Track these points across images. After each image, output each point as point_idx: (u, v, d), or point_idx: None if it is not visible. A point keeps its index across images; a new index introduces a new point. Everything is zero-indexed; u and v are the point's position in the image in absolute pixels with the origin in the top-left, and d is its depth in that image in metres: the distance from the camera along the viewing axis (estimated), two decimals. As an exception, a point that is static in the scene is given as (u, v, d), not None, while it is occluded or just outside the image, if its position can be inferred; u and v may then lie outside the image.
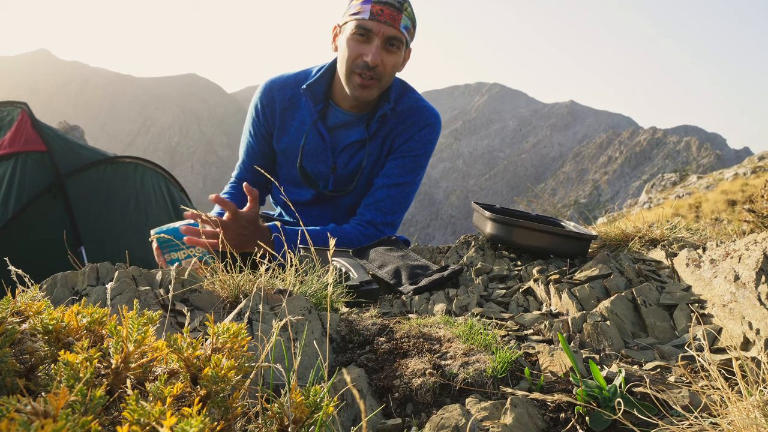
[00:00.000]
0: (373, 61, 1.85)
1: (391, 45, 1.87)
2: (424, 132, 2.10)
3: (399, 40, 1.87)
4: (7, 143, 3.74)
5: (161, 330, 0.92)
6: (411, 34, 1.94)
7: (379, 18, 1.82)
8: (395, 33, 1.85)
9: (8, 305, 0.68)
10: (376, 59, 1.85)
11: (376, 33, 1.84)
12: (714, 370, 0.69)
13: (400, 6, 1.84)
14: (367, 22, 1.83)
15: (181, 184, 4.75)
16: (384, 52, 1.87)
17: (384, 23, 1.82)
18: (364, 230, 2.02)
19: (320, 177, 2.13)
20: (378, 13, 1.82)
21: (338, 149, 2.10)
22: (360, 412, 0.80)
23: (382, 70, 1.89)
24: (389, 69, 1.91)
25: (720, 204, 13.46)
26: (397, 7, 1.84)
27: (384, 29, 1.83)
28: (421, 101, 2.13)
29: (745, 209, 2.04)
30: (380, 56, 1.86)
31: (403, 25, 1.86)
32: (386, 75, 1.92)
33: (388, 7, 1.82)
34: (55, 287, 1.15)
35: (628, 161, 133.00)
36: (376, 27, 1.83)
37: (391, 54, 1.89)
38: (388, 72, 1.92)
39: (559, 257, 1.74)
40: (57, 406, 0.45)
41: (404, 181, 2.09)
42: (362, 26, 1.84)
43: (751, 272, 1.12)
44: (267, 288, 1.10)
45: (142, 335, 0.59)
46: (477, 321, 1.07)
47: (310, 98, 2.03)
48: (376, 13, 1.82)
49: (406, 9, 1.87)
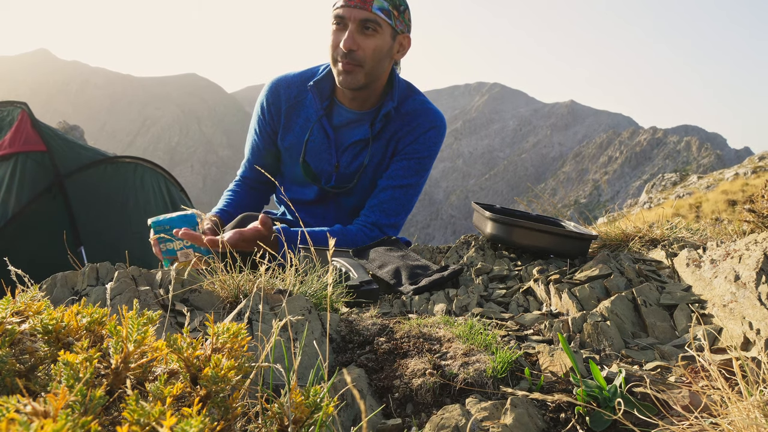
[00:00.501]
0: (346, 45, 1.85)
1: (366, 28, 1.86)
2: (430, 134, 2.10)
3: (374, 21, 1.86)
4: (7, 143, 3.74)
5: (161, 330, 0.92)
6: (393, 16, 1.91)
7: (350, 3, 1.84)
8: (367, 15, 1.84)
9: (8, 305, 0.67)
10: (349, 43, 1.85)
11: (349, 18, 1.85)
12: (714, 370, 0.69)
13: None
14: (339, 9, 1.85)
15: (181, 184, 4.75)
16: (360, 36, 1.87)
17: (354, 7, 1.83)
18: (369, 232, 2.03)
19: (323, 174, 2.14)
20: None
21: (342, 147, 2.10)
22: (360, 412, 0.80)
23: (361, 54, 1.88)
24: (369, 52, 1.89)
25: (720, 204, 13.46)
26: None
27: (355, 13, 1.84)
28: (427, 103, 2.13)
29: (745, 209, 2.04)
30: (356, 40, 1.86)
31: (377, 7, 1.85)
32: (368, 59, 1.90)
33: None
34: (55, 287, 1.15)
35: (629, 161, 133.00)
36: (347, 12, 1.84)
37: (368, 37, 1.88)
38: (369, 55, 1.90)
39: (559, 257, 1.74)
40: (57, 406, 0.45)
41: (408, 183, 2.09)
42: (336, 15, 1.86)
43: (752, 272, 1.12)
44: (267, 288, 1.10)
45: (141, 335, 0.59)
46: (477, 321, 1.07)
47: (317, 95, 2.04)
48: None
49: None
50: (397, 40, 1.97)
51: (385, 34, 1.91)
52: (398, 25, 1.94)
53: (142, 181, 4.30)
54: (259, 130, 2.18)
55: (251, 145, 2.23)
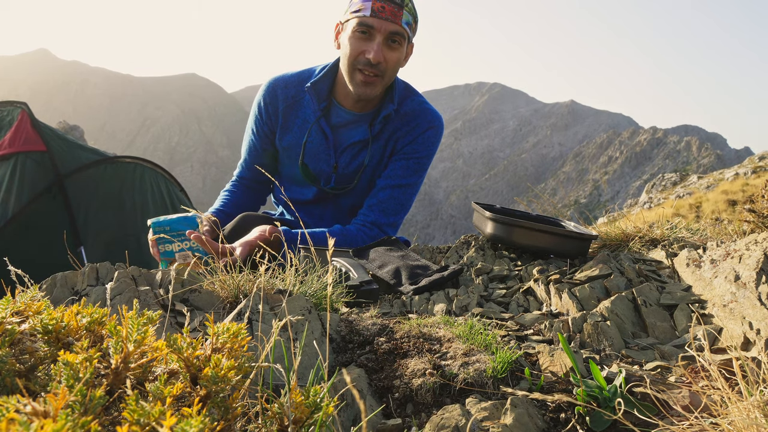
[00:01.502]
0: (376, 58, 1.85)
1: (393, 41, 1.87)
2: (428, 134, 2.11)
3: (401, 35, 1.87)
4: (7, 143, 3.74)
5: (161, 330, 0.92)
6: (413, 29, 1.94)
7: (381, 15, 1.82)
8: (397, 29, 1.85)
9: (8, 305, 0.67)
10: (379, 56, 1.85)
11: (378, 29, 1.84)
12: (714, 370, 0.69)
13: (401, 2, 1.85)
14: (368, 19, 1.83)
15: (180, 184, 4.75)
16: (386, 48, 1.87)
17: (385, 20, 1.83)
18: (369, 231, 2.03)
19: (322, 175, 2.14)
20: (379, 10, 1.82)
21: (341, 148, 2.10)
22: (360, 412, 0.80)
23: (384, 66, 1.89)
24: (392, 65, 1.91)
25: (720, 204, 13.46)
26: (398, 2, 1.84)
27: (385, 25, 1.83)
28: (425, 104, 2.14)
29: (745, 209, 2.04)
30: (382, 53, 1.86)
31: (405, 21, 1.86)
32: (389, 71, 1.93)
33: (389, 3, 1.83)
34: (55, 287, 1.15)
35: (629, 161, 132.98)
36: (378, 24, 1.83)
37: (393, 50, 1.89)
38: (391, 68, 1.92)
39: (560, 257, 1.74)
40: (57, 406, 0.45)
41: (407, 183, 2.10)
42: (364, 23, 1.84)
43: (752, 272, 1.12)
44: (267, 288, 1.10)
45: (141, 335, 0.59)
46: (477, 321, 1.07)
47: (314, 96, 2.04)
48: (378, 9, 1.82)
49: (407, 4, 1.87)
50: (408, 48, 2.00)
51: (404, 46, 1.93)
52: (412, 36, 1.97)
53: (142, 181, 4.30)
54: (256, 130, 2.18)
55: (248, 146, 2.23)
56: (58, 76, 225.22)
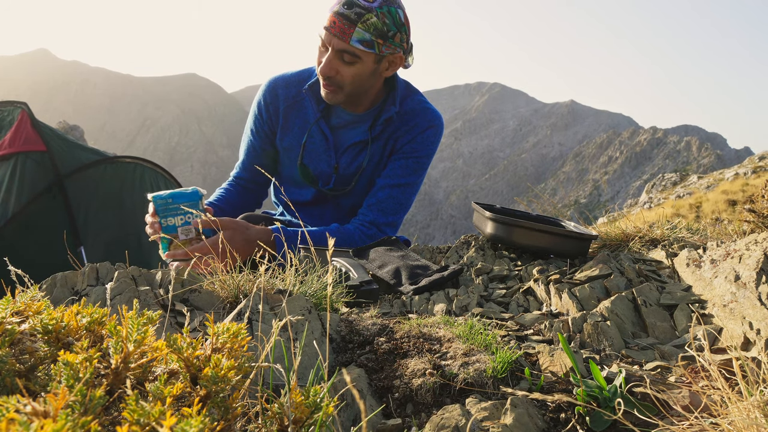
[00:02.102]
0: (323, 71, 1.84)
1: (344, 59, 1.82)
2: (428, 134, 2.10)
3: (351, 53, 1.80)
4: (7, 143, 3.74)
5: (161, 330, 0.92)
6: (378, 44, 1.82)
7: (331, 30, 1.78)
8: (344, 46, 1.78)
9: (8, 305, 0.67)
10: (326, 69, 1.83)
11: (329, 43, 1.81)
12: (714, 371, 0.69)
13: (357, 18, 1.74)
14: (322, 31, 1.81)
15: (181, 184, 4.75)
16: (339, 62, 1.83)
17: (334, 36, 1.78)
18: (367, 230, 2.03)
19: (322, 176, 2.14)
20: (331, 24, 1.77)
21: (341, 149, 2.10)
22: (360, 412, 0.80)
23: (340, 79, 1.86)
24: (348, 78, 1.86)
25: (720, 204, 13.45)
26: (352, 19, 1.74)
27: (334, 41, 1.79)
28: (425, 103, 2.13)
29: (745, 209, 2.04)
30: (334, 66, 1.83)
31: (357, 39, 1.77)
32: (347, 84, 1.87)
33: (341, 18, 1.75)
34: (55, 287, 1.15)
35: (629, 161, 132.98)
36: (327, 38, 1.80)
37: (348, 65, 1.83)
38: (348, 81, 1.87)
39: (560, 257, 1.74)
40: (57, 406, 0.45)
41: (406, 182, 2.09)
42: (320, 35, 1.82)
43: (752, 272, 1.12)
44: (267, 288, 1.10)
45: (141, 335, 0.59)
46: (477, 321, 1.07)
47: (313, 98, 2.03)
48: (330, 24, 1.77)
49: (366, 20, 1.75)
50: (384, 60, 1.90)
51: (367, 62, 1.85)
52: (385, 50, 1.85)
53: (142, 181, 4.30)
54: (256, 130, 2.17)
55: (247, 146, 2.22)
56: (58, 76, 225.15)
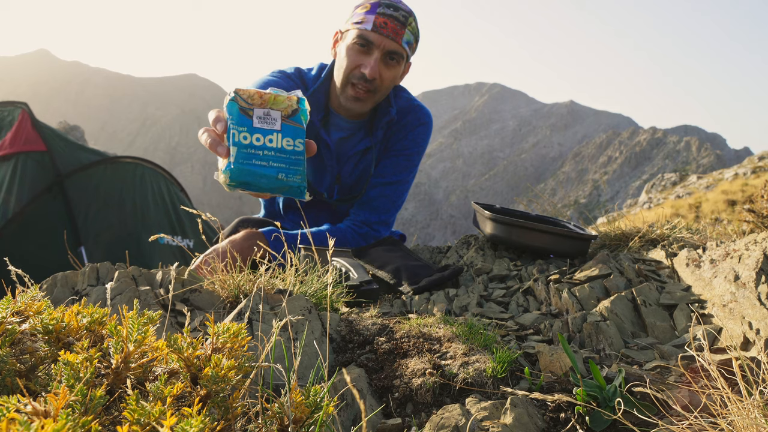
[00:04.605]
0: (371, 74, 1.82)
1: (391, 59, 1.84)
2: (418, 131, 2.10)
3: (399, 54, 1.84)
4: (7, 143, 3.74)
5: (161, 330, 0.92)
6: (413, 48, 1.91)
7: (382, 31, 1.79)
8: (396, 48, 1.82)
9: (8, 305, 0.68)
10: (374, 72, 1.82)
11: (377, 45, 1.81)
12: (714, 370, 0.69)
13: (405, 20, 1.81)
14: (369, 33, 1.80)
15: (181, 184, 4.75)
16: (383, 65, 1.85)
17: (386, 36, 1.79)
18: (359, 229, 2.02)
19: (324, 185, 2.12)
20: (381, 26, 1.78)
21: (344, 158, 2.09)
22: (360, 412, 0.80)
23: (379, 83, 1.87)
24: (387, 83, 1.89)
25: (720, 204, 13.45)
26: (402, 21, 1.80)
27: (386, 43, 1.80)
28: (413, 101, 2.13)
29: (745, 209, 2.05)
30: (379, 69, 1.84)
31: (405, 40, 1.83)
32: (383, 88, 1.90)
33: (392, 20, 1.79)
34: (55, 287, 1.15)
35: (628, 161, 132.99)
36: (378, 39, 1.80)
37: (390, 68, 1.86)
38: (386, 85, 1.90)
39: (559, 257, 1.74)
40: (57, 406, 0.45)
41: (398, 180, 2.08)
42: (364, 37, 1.80)
43: (751, 272, 1.12)
44: (267, 288, 1.10)
45: (142, 335, 0.59)
46: (477, 321, 1.07)
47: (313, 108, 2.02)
48: (380, 25, 1.78)
49: (410, 24, 1.83)
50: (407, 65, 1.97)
51: (401, 65, 1.90)
52: (411, 55, 1.94)
53: (142, 181, 4.31)
54: None
55: None
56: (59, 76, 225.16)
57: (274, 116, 0.98)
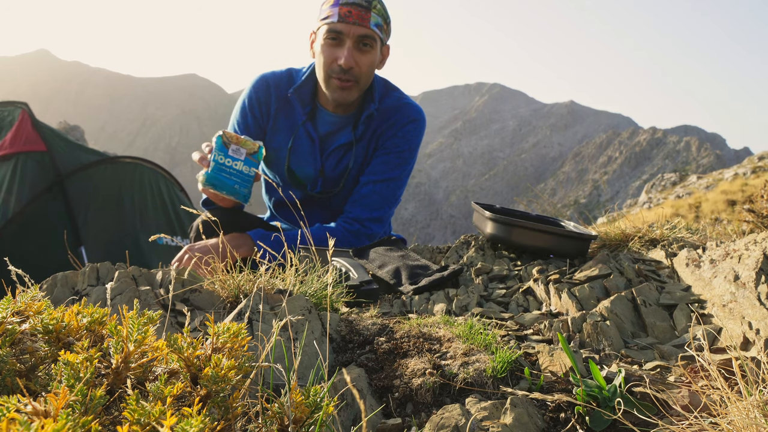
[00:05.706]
0: (347, 63, 1.85)
1: (364, 45, 1.87)
2: (408, 128, 2.10)
3: (371, 38, 1.87)
4: (7, 143, 3.75)
5: (161, 330, 0.92)
6: (385, 30, 1.93)
7: (348, 19, 1.82)
8: (365, 31, 1.85)
9: (8, 305, 0.68)
10: (350, 61, 1.85)
11: (347, 34, 1.84)
12: (714, 370, 0.69)
13: (368, 4, 1.84)
14: (336, 24, 1.83)
15: (181, 184, 4.75)
16: (357, 52, 1.87)
17: (353, 24, 1.82)
18: (349, 227, 2.02)
19: (308, 179, 2.13)
20: (346, 15, 1.82)
21: (327, 152, 2.10)
22: (360, 411, 0.80)
23: (358, 71, 1.89)
24: (365, 69, 1.91)
25: (720, 204, 13.45)
26: (365, 5, 1.83)
27: (353, 29, 1.83)
28: (404, 99, 2.14)
29: (744, 209, 2.05)
30: (354, 57, 1.86)
31: (374, 23, 1.86)
32: (363, 75, 1.92)
33: (356, 7, 1.83)
34: (55, 287, 1.15)
35: (628, 161, 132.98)
36: (346, 28, 1.83)
37: (365, 54, 1.89)
38: (365, 72, 1.92)
39: (559, 257, 1.74)
40: (57, 406, 0.45)
41: (390, 177, 2.09)
42: (332, 29, 1.84)
43: (751, 272, 1.12)
44: (267, 288, 1.10)
45: (142, 335, 0.59)
46: (477, 321, 1.07)
47: (298, 102, 2.04)
48: (345, 14, 1.82)
49: (375, 6, 1.86)
50: (384, 48, 1.99)
51: (377, 49, 1.92)
52: (385, 38, 1.96)
53: (142, 181, 4.31)
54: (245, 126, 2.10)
55: None
56: (59, 76, 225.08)
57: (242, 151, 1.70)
